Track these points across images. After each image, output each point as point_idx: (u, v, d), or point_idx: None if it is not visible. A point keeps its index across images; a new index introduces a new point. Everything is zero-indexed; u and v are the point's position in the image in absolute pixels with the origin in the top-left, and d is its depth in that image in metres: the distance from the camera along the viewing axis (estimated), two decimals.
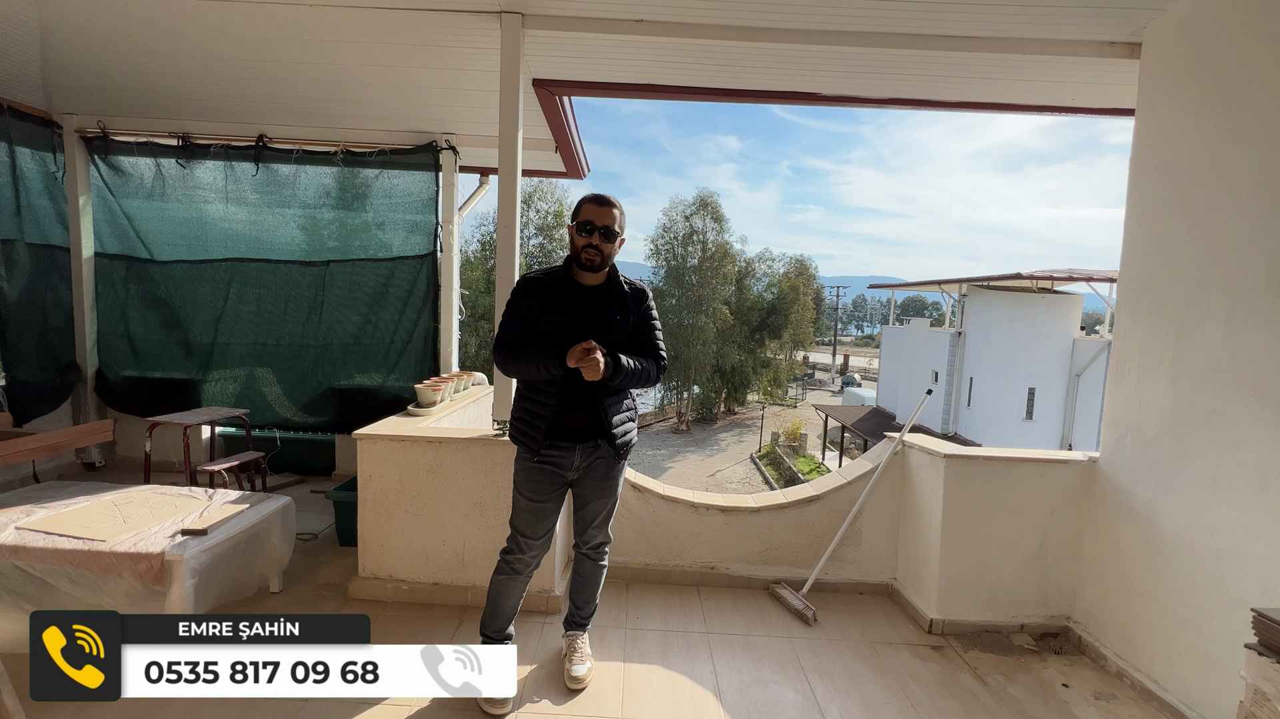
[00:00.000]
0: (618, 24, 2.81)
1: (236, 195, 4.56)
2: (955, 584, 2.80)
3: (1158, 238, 2.50)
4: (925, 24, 2.74)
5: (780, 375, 33.57)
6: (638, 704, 2.20)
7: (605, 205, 2.01)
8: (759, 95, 3.49)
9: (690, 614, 2.88)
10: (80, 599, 2.28)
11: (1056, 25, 2.70)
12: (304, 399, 4.64)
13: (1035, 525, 2.80)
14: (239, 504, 2.75)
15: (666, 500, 3.19)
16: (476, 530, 2.80)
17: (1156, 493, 2.42)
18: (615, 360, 1.97)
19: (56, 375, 4.41)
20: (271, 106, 4.20)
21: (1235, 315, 2.13)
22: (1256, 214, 2.08)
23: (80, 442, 3.32)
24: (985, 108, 3.59)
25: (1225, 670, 2.05)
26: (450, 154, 4.46)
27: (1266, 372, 2.01)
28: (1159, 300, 2.46)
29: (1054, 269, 16.04)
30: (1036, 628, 2.80)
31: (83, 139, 4.40)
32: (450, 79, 3.65)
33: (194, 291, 4.63)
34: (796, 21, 2.77)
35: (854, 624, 2.86)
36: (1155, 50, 2.61)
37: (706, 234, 29.33)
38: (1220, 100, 2.25)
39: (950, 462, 2.79)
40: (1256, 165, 2.09)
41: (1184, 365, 2.32)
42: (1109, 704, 2.33)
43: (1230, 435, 2.12)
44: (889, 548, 3.18)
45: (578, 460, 2.11)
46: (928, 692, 2.37)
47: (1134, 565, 2.49)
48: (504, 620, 2.22)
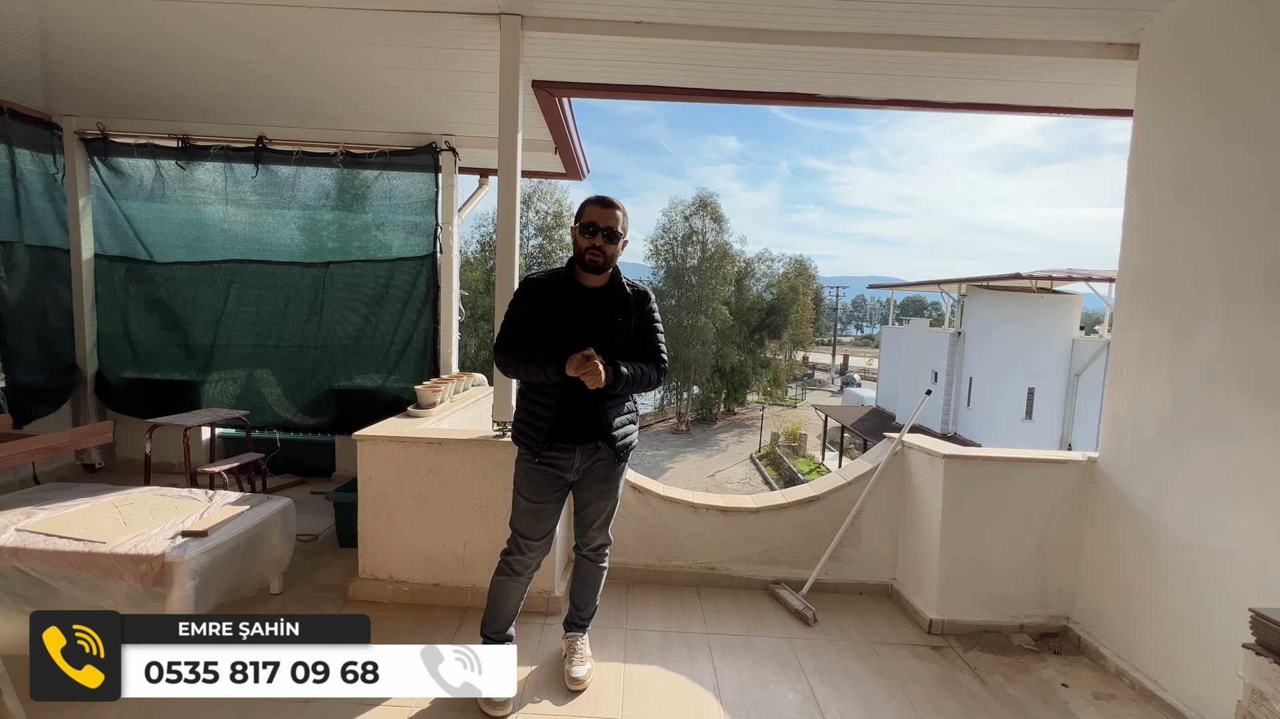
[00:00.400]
0: (617, 25, 2.82)
1: (236, 197, 4.56)
2: (955, 584, 2.80)
3: (1156, 238, 2.50)
4: (924, 25, 2.74)
5: (780, 375, 33.56)
6: (638, 705, 2.21)
7: (609, 207, 2.02)
8: (758, 96, 3.50)
9: (690, 615, 2.88)
10: (81, 601, 2.27)
11: (1055, 26, 2.70)
12: (304, 400, 4.64)
13: (1034, 526, 2.80)
14: (239, 506, 2.75)
15: (666, 501, 3.20)
16: (477, 532, 2.80)
17: (1155, 493, 2.42)
18: (615, 369, 1.98)
19: (56, 377, 4.42)
20: (271, 108, 4.20)
21: (1233, 315, 2.13)
22: (1254, 214, 2.09)
23: (80, 443, 3.32)
24: (984, 108, 3.60)
25: (1224, 670, 2.04)
26: (450, 155, 4.47)
27: (1265, 372, 2.02)
28: (1157, 300, 2.47)
29: (1053, 269, 16.04)
30: (1036, 628, 2.81)
31: (82, 141, 4.40)
32: (450, 81, 3.66)
33: (194, 293, 4.63)
34: (795, 23, 2.78)
35: (854, 624, 2.86)
36: (1153, 51, 2.62)
37: (706, 234, 29.34)
38: (1218, 101, 2.26)
39: (949, 462, 2.79)
40: (1254, 166, 2.10)
41: (1182, 365, 2.33)
42: (1108, 704, 2.34)
43: (1229, 435, 2.13)
44: (888, 548, 3.19)
45: (578, 462, 2.11)
46: (927, 692, 2.37)
47: (1133, 565, 2.49)
48: (504, 621, 2.23)
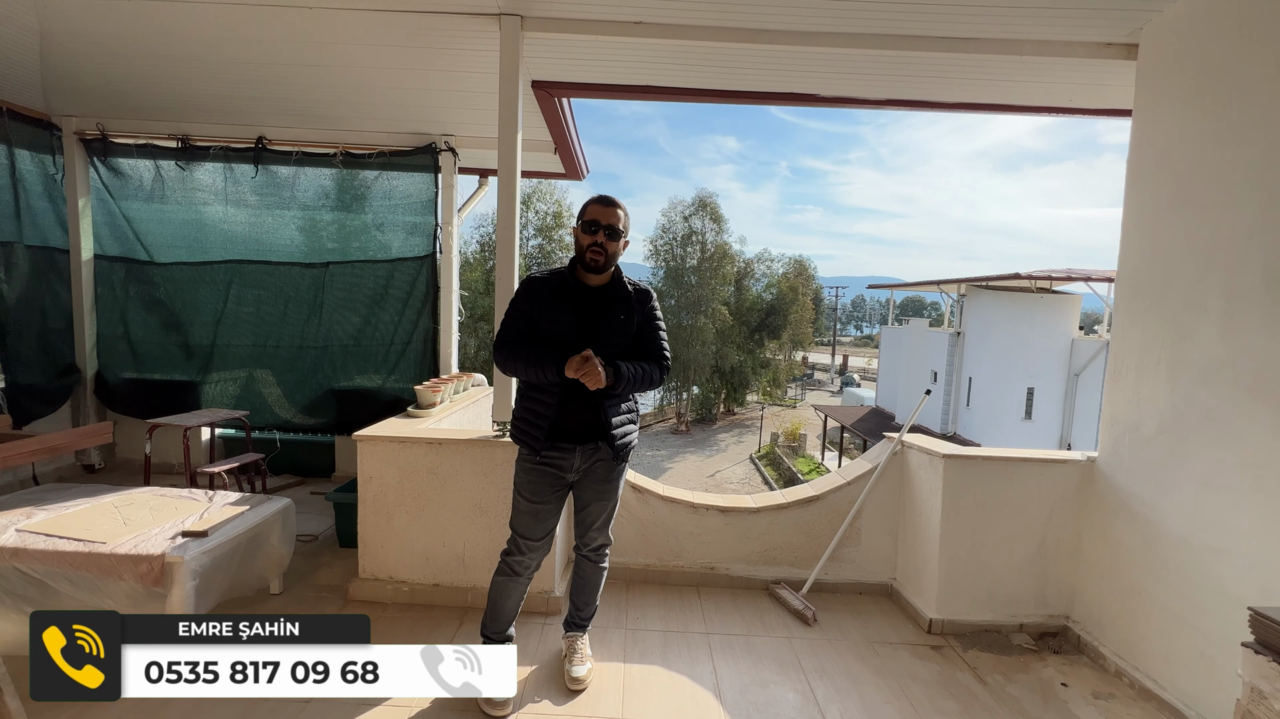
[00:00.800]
0: (616, 26, 2.82)
1: (236, 197, 4.56)
2: (954, 584, 2.80)
3: (1155, 238, 2.51)
4: (923, 25, 2.75)
5: (779, 376, 33.58)
6: (638, 704, 2.21)
7: (610, 205, 2.04)
8: (758, 97, 3.50)
9: (690, 615, 2.88)
10: (81, 601, 2.27)
11: (1054, 27, 2.71)
12: (304, 401, 4.64)
13: (1034, 525, 2.80)
14: (239, 506, 2.75)
15: (666, 501, 3.20)
16: (477, 532, 2.80)
17: (1155, 492, 2.43)
18: (615, 369, 1.98)
19: (56, 377, 4.41)
20: (271, 108, 4.20)
21: (1232, 315, 2.14)
22: (1253, 214, 2.09)
23: (80, 444, 3.32)
24: (983, 108, 3.60)
25: (1223, 669, 2.05)
26: (449, 156, 4.47)
27: (1263, 371, 2.02)
28: (1157, 300, 2.47)
29: (1052, 269, 16.05)
30: (1036, 627, 2.81)
31: (82, 141, 4.40)
32: (449, 81, 3.66)
33: (193, 293, 4.63)
34: (795, 23, 2.78)
35: (853, 624, 2.86)
36: (1152, 51, 2.62)
37: (705, 234, 29.36)
38: (1216, 100, 2.26)
39: (949, 461, 2.79)
40: (1253, 165, 2.10)
41: (1182, 365, 2.33)
42: (1108, 703, 2.34)
43: (1228, 435, 2.13)
44: (888, 548, 3.19)
45: (578, 462, 2.12)
46: (927, 691, 2.37)
47: (1132, 565, 2.50)
48: (505, 621, 2.23)
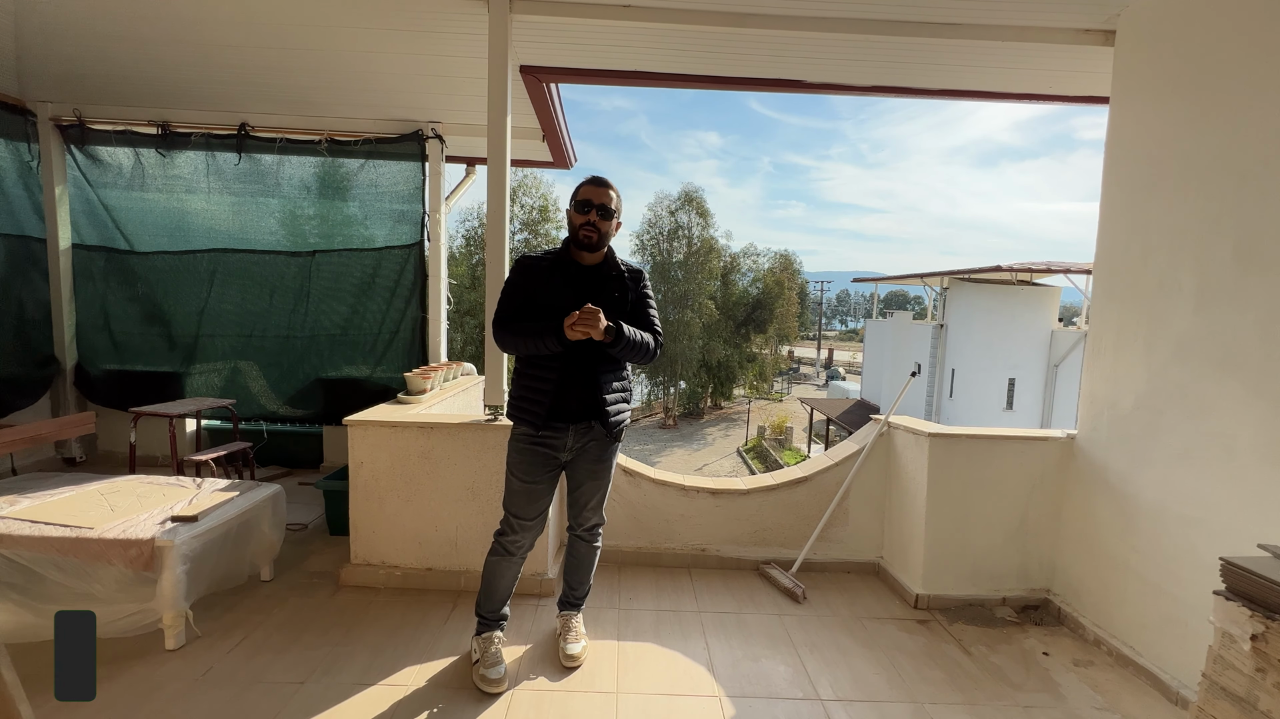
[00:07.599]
0: (605, 9, 2.83)
1: (219, 185, 4.48)
2: (939, 560, 2.87)
3: (1132, 220, 2.58)
4: (907, 10, 2.79)
5: (766, 370, 33.78)
6: (632, 679, 2.24)
7: (602, 186, 2.07)
8: (745, 83, 3.52)
9: (682, 595, 2.92)
10: (69, 587, 2.25)
11: (1034, 12, 2.76)
12: (290, 391, 4.59)
13: (1016, 501, 2.88)
14: (229, 492, 2.73)
15: (657, 484, 3.23)
16: (469, 515, 2.81)
17: (1131, 466, 2.50)
18: (617, 325, 1.99)
19: (34, 369, 4.32)
20: (254, 94, 4.14)
21: (1204, 291, 2.21)
22: (1223, 195, 2.16)
23: (62, 433, 3.23)
24: (965, 95, 3.66)
25: (1196, 634, 2.13)
26: (436, 143, 4.44)
27: (1233, 345, 2.09)
28: (1133, 280, 2.54)
29: (1033, 261, 16.31)
30: (1018, 601, 2.89)
31: (58, 128, 4.30)
32: (436, 66, 3.63)
33: (176, 283, 4.55)
34: (781, 7, 2.81)
35: (842, 601, 2.92)
36: (1129, 37, 2.68)
37: (691, 229, 29.39)
38: (1190, 85, 2.33)
39: (934, 440, 2.85)
40: (1224, 146, 2.17)
41: (1157, 342, 2.40)
42: (1087, 670, 2.42)
43: (1200, 407, 2.21)
44: (875, 527, 3.25)
45: (571, 441, 2.13)
46: (914, 662, 2.43)
47: (1110, 537, 2.58)
48: (499, 601, 2.25)
